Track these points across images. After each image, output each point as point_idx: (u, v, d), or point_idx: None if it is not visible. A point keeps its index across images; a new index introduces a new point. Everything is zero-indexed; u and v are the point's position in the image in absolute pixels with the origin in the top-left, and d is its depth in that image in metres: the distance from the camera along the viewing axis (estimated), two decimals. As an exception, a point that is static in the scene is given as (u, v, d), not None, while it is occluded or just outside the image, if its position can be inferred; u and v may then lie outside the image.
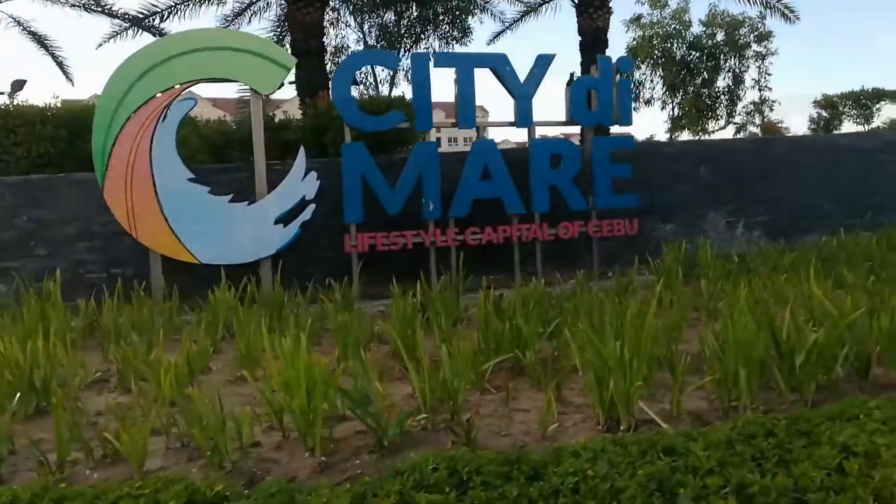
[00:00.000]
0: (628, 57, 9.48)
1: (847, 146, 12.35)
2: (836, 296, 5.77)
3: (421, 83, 8.09)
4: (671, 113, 26.39)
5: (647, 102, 26.50)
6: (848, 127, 31.04)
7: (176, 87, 7.83)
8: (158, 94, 7.78)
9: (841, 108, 30.48)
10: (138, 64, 7.74)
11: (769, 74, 27.66)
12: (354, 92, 11.69)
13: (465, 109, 8.30)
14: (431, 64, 8.22)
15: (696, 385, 4.21)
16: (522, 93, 8.52)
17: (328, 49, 18.13)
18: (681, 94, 25.63)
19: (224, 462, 3.55)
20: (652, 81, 26.24)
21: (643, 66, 25.69)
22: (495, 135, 65.12)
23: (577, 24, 13.43)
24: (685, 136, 26.83)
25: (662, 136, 28.84)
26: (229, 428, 3.62)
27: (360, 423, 3.76)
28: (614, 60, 9.06)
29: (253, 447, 3.79)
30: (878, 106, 30.36)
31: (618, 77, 9.08)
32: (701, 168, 10.61)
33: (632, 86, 27.53)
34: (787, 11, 17.18)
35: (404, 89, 29.05)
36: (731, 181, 10.69)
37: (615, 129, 10.11)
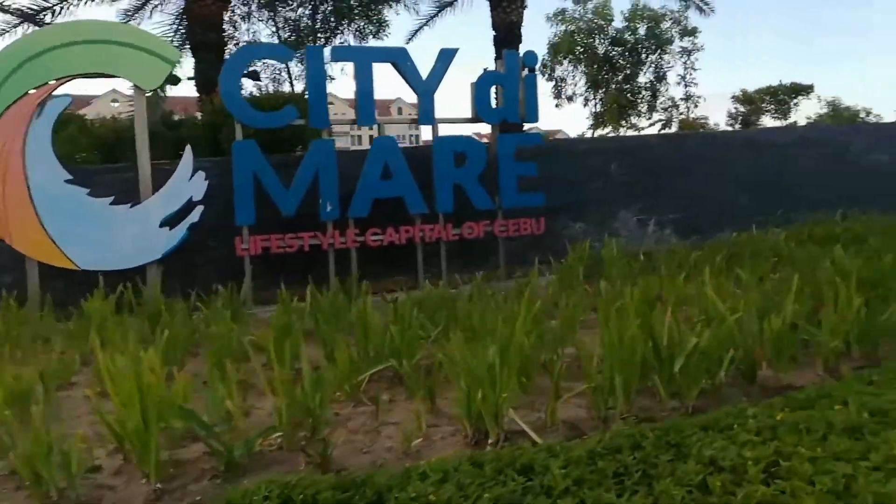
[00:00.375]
0: (535, 52, 9.27)
1: (763, 141, 12.57)
2: (737, 295, 5.77)
3: (316, 78, 7.79)
4: (594, 109, 26.68)
5: (570, 99, 26.73)
6: (767, 122, 32.01)
7: (51, 82, 7.31)
8: (31, 91, 7.26)
9: (759, 104, 31.36)
10: (8, 59, 7.18)
11: (695, 70, 28.30)
12: (254, 89, 11.22)
13: (365, 105, 8.02)
14: (328, 58, 7.92)
15: (575, 392, 4.05)
16: (425, 89, 8.29)
17: (239, 44, 17.59)
18: (603, 89, 25.91)
19: (50, 491, 3.21)
20: (574, 77, 26.47)
21: (566, 62, 25.88)
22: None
23: (491, 19, 13.31)
24: (609, 132, 27.16)
25: (587, 133, 29.18)
26: (63, 451, 3.28)
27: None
28: (521, 55, 8.94)
29: (93, 472, 3.46)
30: (795, 101, 31.33)
31: (525, 72, 8.96)
32: (612, 165, 10.60)
33: (556, 82, 28.24)
34: (701, 4, 17.46)
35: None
36: (643, 178, 10.70)
37: (557, 126, 10.01)
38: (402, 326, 4.70)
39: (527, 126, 10.01)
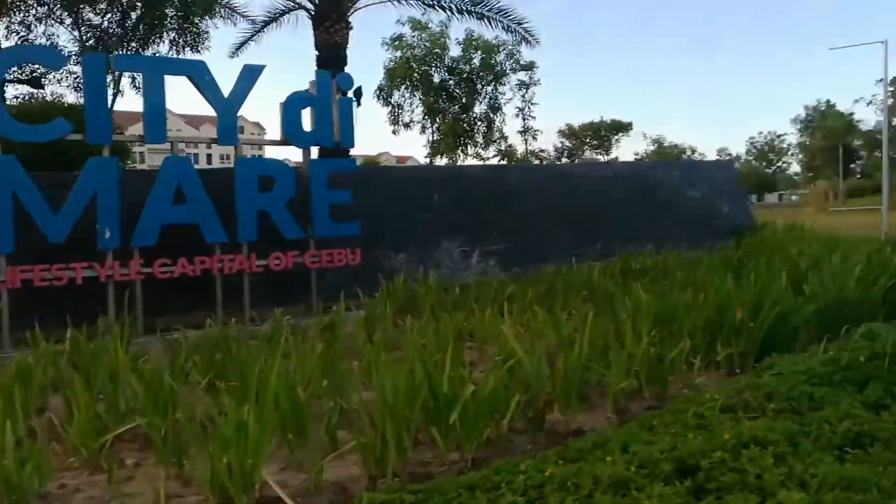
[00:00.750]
0: (349, 74, 9.04)
1: (585, 175, 13.09)
2: (541, 332, 5.74)
3: (94, 89, 7.08)
4: (431, 137, 27.02)
5: (407, 126, 26.94)
6: (594, 157, 34.04)
7: None
8: None
9: (583, 139, 33.32)
10: None
11: (533, 104, 29.70)
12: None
13: (154, 121, 7.40)
14: (111, 67, 7.26)
15: (350, 446, 3.74)
16: (226, 106, 7.81)
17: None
18: (440, 118, 26.31)
19: None
20: (412, 104, 26.72)
21: (402, 89, 26.08)
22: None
23: (314, 39, 13.02)
24: (446, 161, 27.60)
25: (425, 160, 29.54)
26: None
27: None
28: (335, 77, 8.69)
29: None
30: (616, 137, 33.61)
31: (339, 95, 8.71)
32: (436, 195, 10.57)
33: (394, 108, 28.42)
34: (527, 35, 18.16)
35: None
36: (467, 209, 10.75)
37: (407, 153, 9.77)
38: (151, 377, 4.19)
39: (375, 152, 9.83)
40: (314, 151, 8.88)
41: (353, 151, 9.53)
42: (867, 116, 69.91)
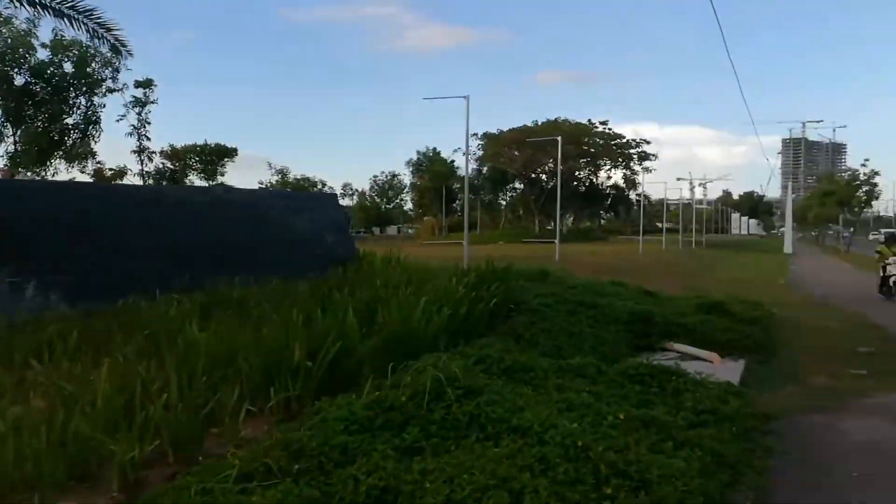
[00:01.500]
0: None
1: (178, 200, 12.04)
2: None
3: None
4: (11, 148, 23.30)
5: (-22, 132, 22.94)
6: (195, 180, 33.12)
7: None
8: None
9: (187, 161, 32.34)
10: None
11: (148, 123, 27.99)
12: None
13: None
14: None
15: None
16: None
17: None
18: (24, 127, 22.81)
19: None
20: (-15, 109, 22.83)
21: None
22: None
23: None
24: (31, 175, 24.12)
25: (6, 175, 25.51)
26: None
27: None
28: None
29: None
30: (222, 162, 33.18)
31: None
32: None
33: None
34: (116, 43, 16.54)
35: None
36: (22, 232, 9.07)
37: None
38: None
39: None
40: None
41: None
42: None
